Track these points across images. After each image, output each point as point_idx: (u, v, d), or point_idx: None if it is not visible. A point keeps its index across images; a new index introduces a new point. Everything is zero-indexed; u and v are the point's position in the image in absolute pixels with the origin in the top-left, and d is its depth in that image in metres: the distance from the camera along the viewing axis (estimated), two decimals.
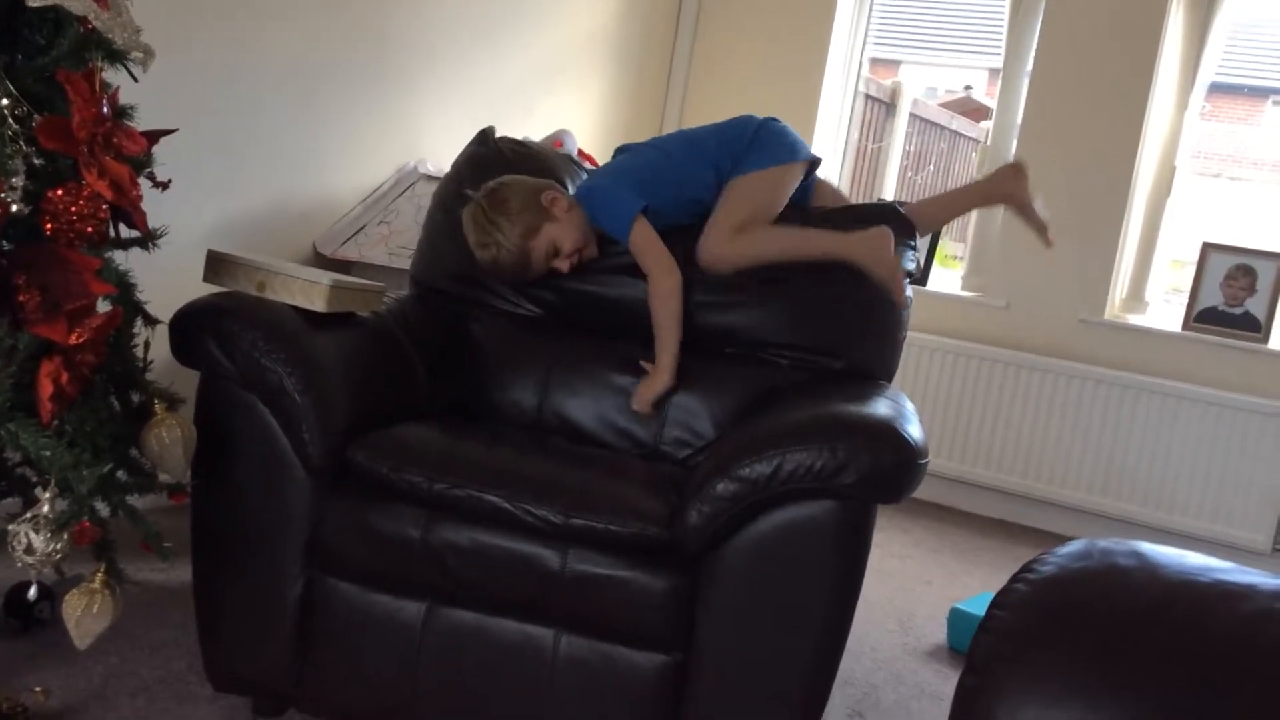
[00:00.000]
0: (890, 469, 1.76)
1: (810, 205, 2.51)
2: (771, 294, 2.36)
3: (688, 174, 2.40)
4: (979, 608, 2.85)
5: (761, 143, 2.42)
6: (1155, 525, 4.00)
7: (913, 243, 2.44)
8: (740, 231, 2.33)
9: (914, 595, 3.26)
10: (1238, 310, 4.02)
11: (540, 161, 2.56)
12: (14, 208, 1.54)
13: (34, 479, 1.74)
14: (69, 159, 1.60)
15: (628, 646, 1.82)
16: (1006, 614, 1.03)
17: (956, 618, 2.87)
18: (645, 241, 2.31)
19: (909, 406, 2.05)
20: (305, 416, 1.86)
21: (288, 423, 1.87)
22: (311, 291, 1.97)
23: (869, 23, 4.84)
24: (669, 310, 2.29)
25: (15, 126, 1.55)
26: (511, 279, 2.39)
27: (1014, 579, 1.08)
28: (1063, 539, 4.17)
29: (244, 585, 1.93)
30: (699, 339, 2.36)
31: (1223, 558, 1.14)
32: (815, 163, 2.49)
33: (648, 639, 1.81)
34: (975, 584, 3.44)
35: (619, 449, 2.30)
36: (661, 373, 2.28)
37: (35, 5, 1.56)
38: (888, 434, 1.79)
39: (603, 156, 4.26)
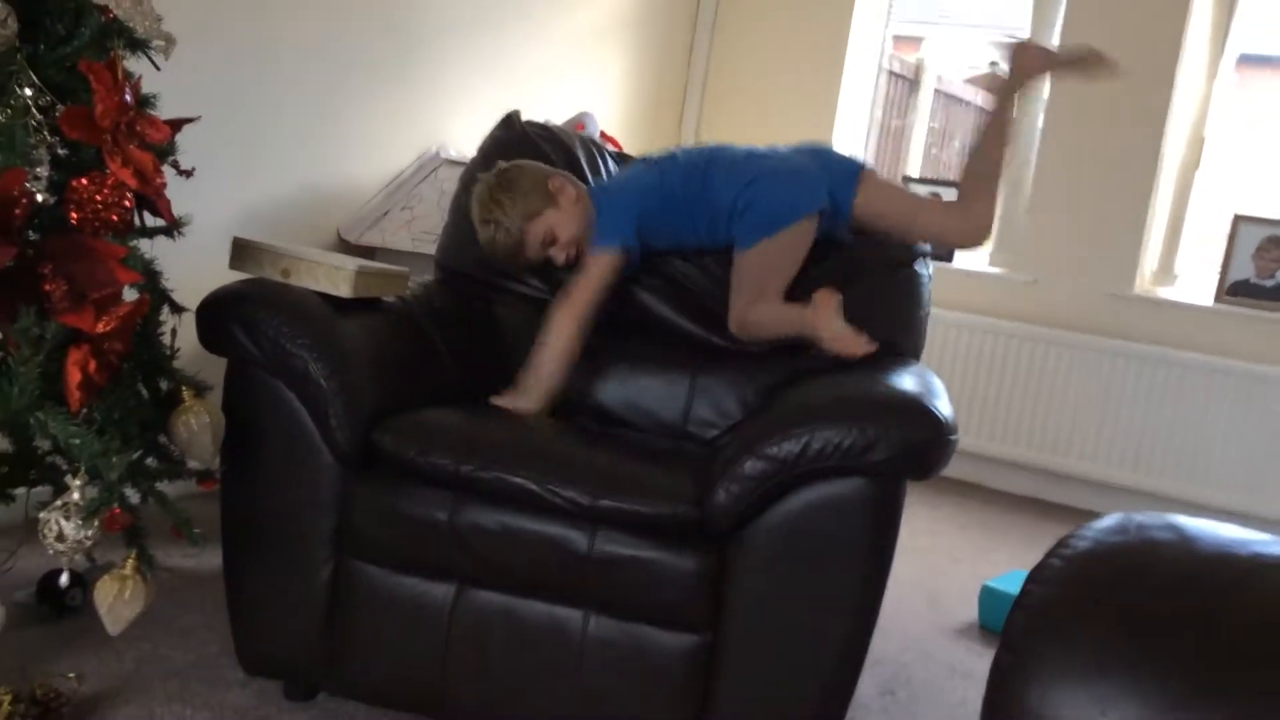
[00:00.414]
0: (920, 445, 1.74)
1: (853, 224, 2.37)
2: (793, 290, 2.34)
3: (686, 219, 2.36)
4: (1010, 585, 2.84)
5: (745, 215, 2.31)
6: (1188, 500, 3.97)
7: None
8: (749, 308, 2.29)
9: (944, 573, 3.24)
10: (1270, 282, 3.97)
11: (563, 144, 2.56)
12: (39, 197, 1.55)
13: (64, 467, 1.75)
14: (93, 148, 1.61)
15: (656, 627, 1.81)
16: (1042, 589, 1.02)
17: (987, 595, 2.85)
18: (595, 272, 2.27)
19: (937, 383, 2.03)
20: (331, 401, 1.86)
21: (314, 408, 1.87)
22: (336, 277, 1.97)
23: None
24: (554, 338, 2.23)
25: (39, 117, 1.56)
26: (505, 261, 2.36)
27: (1049, 554, 1.07)
28: (1094, 515, 4.13)
29: (274, 570, 1.94)
30: (722, 319, 2.35)
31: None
32: (823, 212, 2.31)
33: (676, 619, 1.80)
34: (1005, 561, 3.42)
35: (645, 430, 2.30)
36: (521, 394, 2.20)
37: None
38: (917, 410, 1.77)
39: (624, 138, 4.24)
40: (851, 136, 4.82)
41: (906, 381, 1.93)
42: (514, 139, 2.54)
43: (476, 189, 2.34)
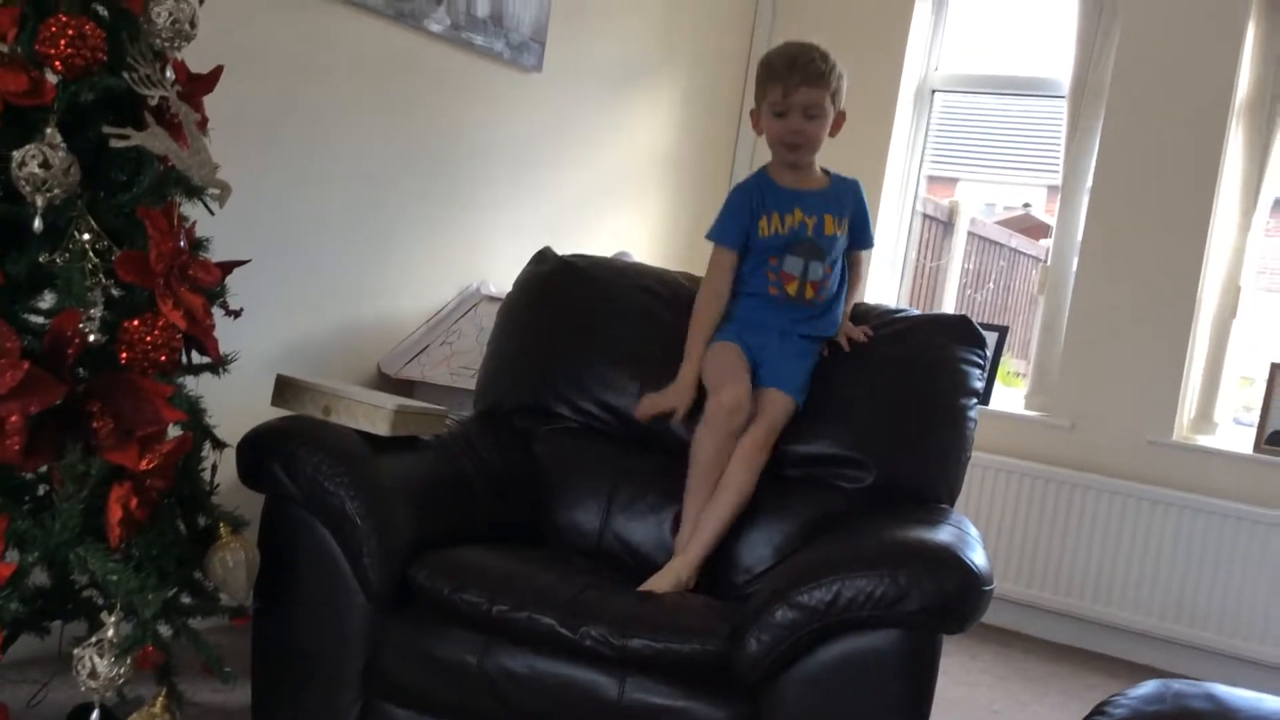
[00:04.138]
0: (953, 596, 1.73)
1: None
2: (834, 410, 2.34)
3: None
4: None
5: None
6: (1230, 653, 3.86)
7: None
8: (765, 449, 2.26)
9: None
10: None
11: (605, 270, 2.61)
12: (91, 338, 1.60)
13: (100, 602, 1.76)
14: (146, 291, 1.65)
15: None
16: None
17: None
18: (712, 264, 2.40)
19: (973, 532, 2.02)
20: (366, 540, 1.88)
21: (349, 546, 1.89)
22: (375, 416, 2.00)
23: (925, 142, 4.89)
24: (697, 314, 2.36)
25: (95, 260, 1.62)
26: (786, 65, 2.33)
27: None
28: (1135, 667, 4.03)
29: (302, 709, 1.93)
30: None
31: None
32: None
33: None
34: (1046, 714, 3.34)
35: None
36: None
37: (119, 145, 1.63)
38: (950, 560, 1.76)
39: None
40: (886, 277, 4.86)
41: (941, 531, 1.92)
42: (549, 273, 2.58)
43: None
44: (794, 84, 2.31)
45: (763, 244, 2.35)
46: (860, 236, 2.47)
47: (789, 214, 2.35)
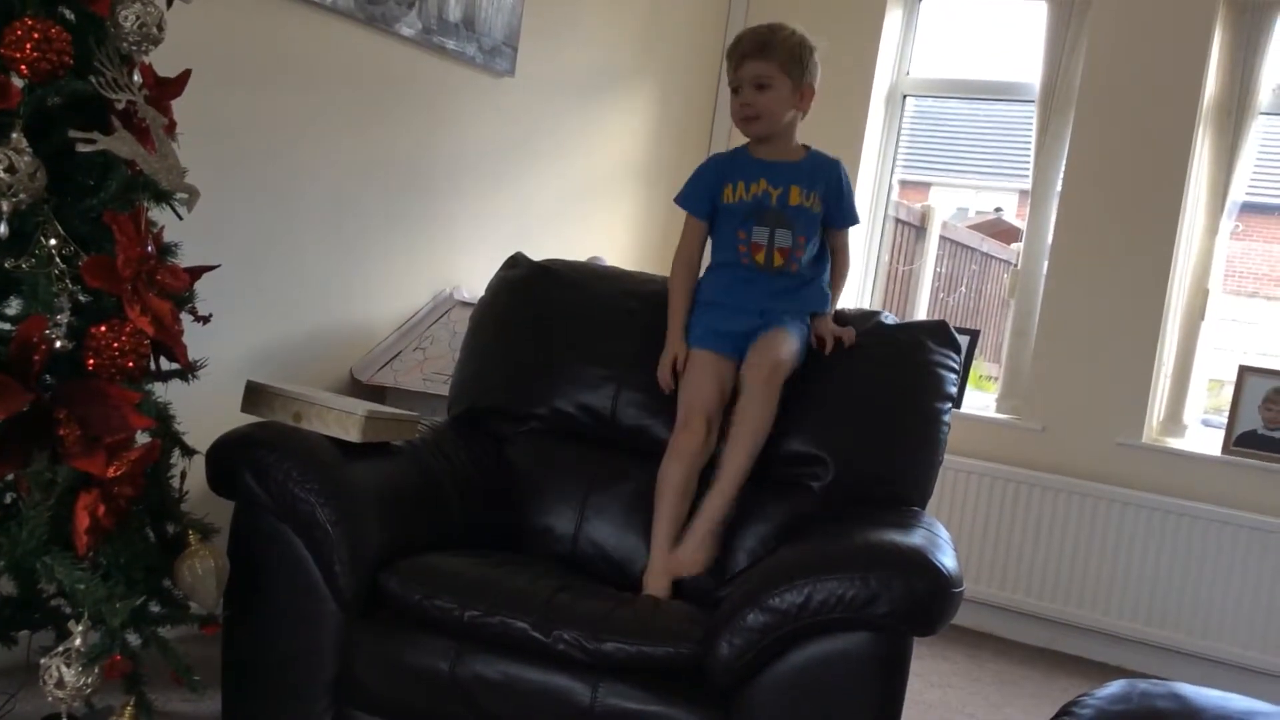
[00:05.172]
0: (923, 598, 1.74)
1: None
2: (810, 412, 2.34)
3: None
4: None
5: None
6: (1199, 654, 3.89)
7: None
8: (775, 386, 2.26)
9: None
10: (1278, 433, 3.97)
11: (578, 273, 2.61)
12: (58, 344, 1.58)
13: (67, 611, 1.74)
14: (113, 297, 1.64)
15: None
16: None
17: None
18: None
19: (943, 535, 2.03)
20: (336, 547, 1.87)
21: (320, 553, 1.88)
22: (346, 422, 1.99)
23: (897, 147, 4.91)
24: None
25: (62, 265, 1.60)
26: (743, 41, 2.40)
27: None
28: (1105, 668, 4.06)
29: (272, 718, 1.92)
30: None
31: (1268, 687, 1.11)
32: None
33: None
34: (1018, 715, 3.35)
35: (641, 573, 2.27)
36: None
37: (85, 150, 1.62)
38: (920, 563, 1.77)
39: None
40: (859, 282, 4.88)
41: (912, 533, 1.93)
42: (521, 277, 2.58)
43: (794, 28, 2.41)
44: (739, 58, 2.38)
45: (728, 210, 2.41)
46: (836, 215, 2.45)
47: (754, 182, 2.39)
